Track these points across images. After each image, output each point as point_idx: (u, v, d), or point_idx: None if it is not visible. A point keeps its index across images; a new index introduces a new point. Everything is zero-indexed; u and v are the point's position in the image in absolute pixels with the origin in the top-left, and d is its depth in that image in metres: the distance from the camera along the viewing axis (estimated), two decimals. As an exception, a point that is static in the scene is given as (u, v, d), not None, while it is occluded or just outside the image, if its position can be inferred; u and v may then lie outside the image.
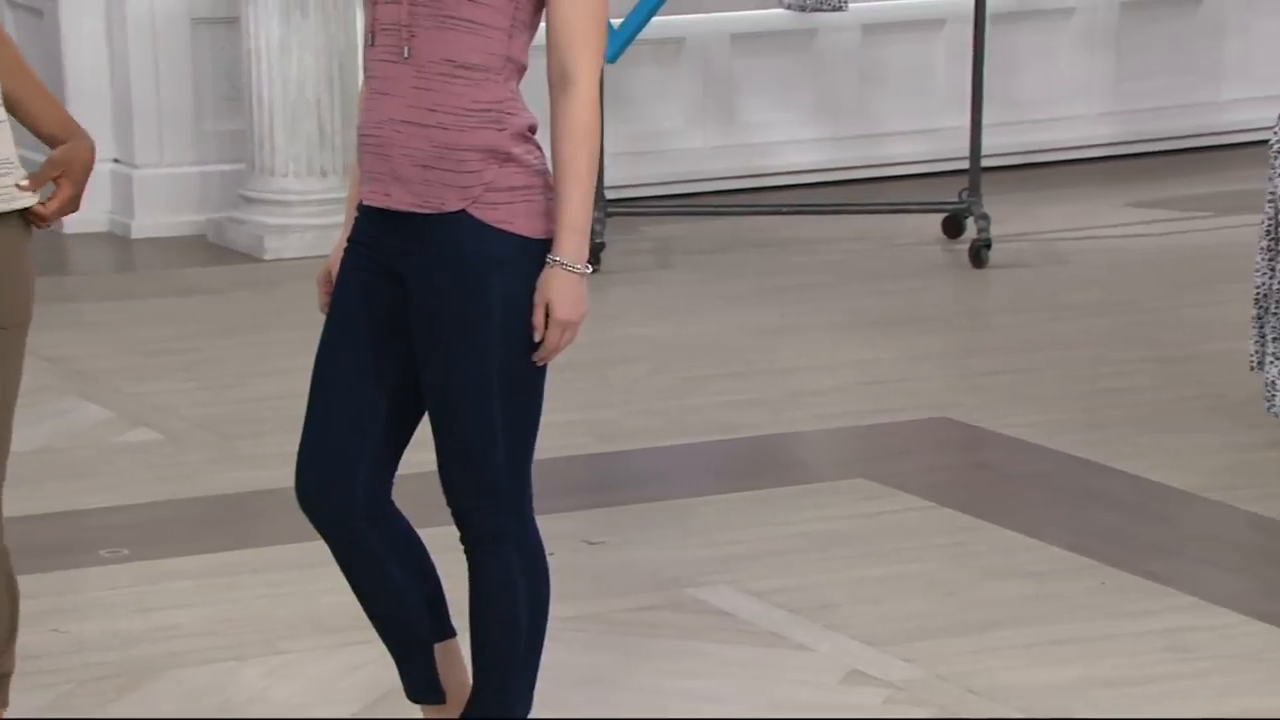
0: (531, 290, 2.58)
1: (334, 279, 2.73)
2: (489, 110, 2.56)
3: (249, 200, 6.97)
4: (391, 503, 2.74)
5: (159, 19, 7.12)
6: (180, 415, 5.09)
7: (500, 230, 2.57)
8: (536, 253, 2.59)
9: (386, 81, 2.58)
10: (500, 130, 2.57)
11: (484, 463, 2.64)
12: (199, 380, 5.42)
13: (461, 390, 2.61)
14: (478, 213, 2.56)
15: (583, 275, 2.59)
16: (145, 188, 7.22)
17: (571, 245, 2.57)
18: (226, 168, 7.16)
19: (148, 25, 7.11)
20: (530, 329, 2.58)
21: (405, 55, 2.56)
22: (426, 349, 2.63)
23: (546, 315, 2.57)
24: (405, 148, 2.57)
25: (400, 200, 2.59)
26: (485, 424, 2.62)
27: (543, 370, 2.65)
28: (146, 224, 7.22)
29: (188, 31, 7.15)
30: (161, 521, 4.30)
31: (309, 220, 6.76)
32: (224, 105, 7.17)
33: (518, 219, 2.58)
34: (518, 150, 2.58)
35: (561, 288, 2.57)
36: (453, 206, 2.56)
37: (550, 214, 2.60)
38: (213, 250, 7.04)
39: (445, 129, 2.55)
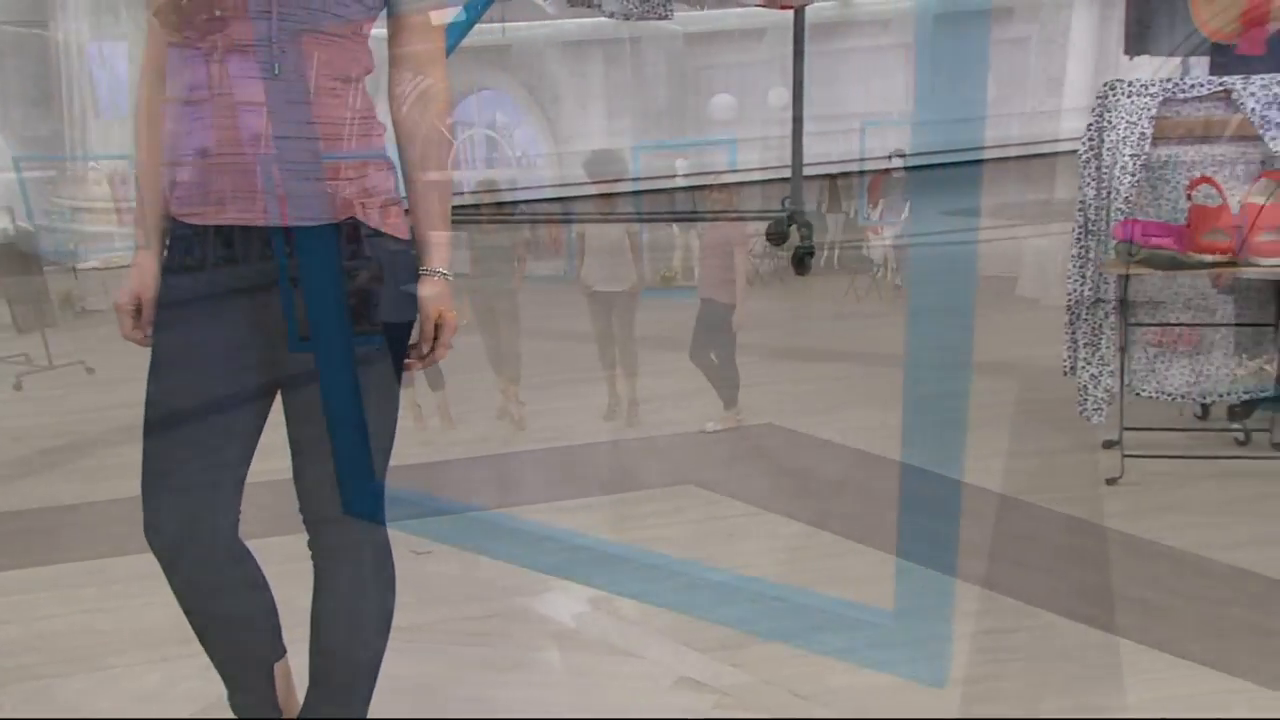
0: (404, 293, 2.58)
1: (145, 306, 2.66)
2: (366, 119, 2.58)
3: (61, 207, 6.81)
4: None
5: (-35, 20, 6.93)
6: (-7, 428, 4.96)
7: (382, 233, 2.59)
8: (409, 253, 2.62)
9: (252, 99, 2.55)
10: (378, 137, 2.60)
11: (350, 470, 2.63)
12: (11, 392, 5.28)
13: (338, 399, 2.59)
14: (363, 217, 2.57)
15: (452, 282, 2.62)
16: (-47, 193, 7.02)
17: (446, 255, 2.62)
18: (38, 174, 7.00)
19: (-46, 26, 6.92)
20: (401, 334, 2.58)
21: (276, 72, 2.53)
22: (300, 358, 2.60)
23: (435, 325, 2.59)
24: (286, 162, 2.54)
25: (279, 215, 2.56)
26: (356, 432, 2.61)
27: (399, 380, 2.65)
28: (-45, 231, 7.02)
29: (-5, 34, 6.97)
30: (-26, 537, 4.19)
31: (124, 228, 6.62)
32: (33, 110, 7.00)
33: (392, 220, 2.60)
34: (386, 156, 2.60)
35: (448, 297, 2.61)
36: (341, 215, 2.56)
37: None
38: (22, 258, 6.86)
39: (328, 139, 2.54)
